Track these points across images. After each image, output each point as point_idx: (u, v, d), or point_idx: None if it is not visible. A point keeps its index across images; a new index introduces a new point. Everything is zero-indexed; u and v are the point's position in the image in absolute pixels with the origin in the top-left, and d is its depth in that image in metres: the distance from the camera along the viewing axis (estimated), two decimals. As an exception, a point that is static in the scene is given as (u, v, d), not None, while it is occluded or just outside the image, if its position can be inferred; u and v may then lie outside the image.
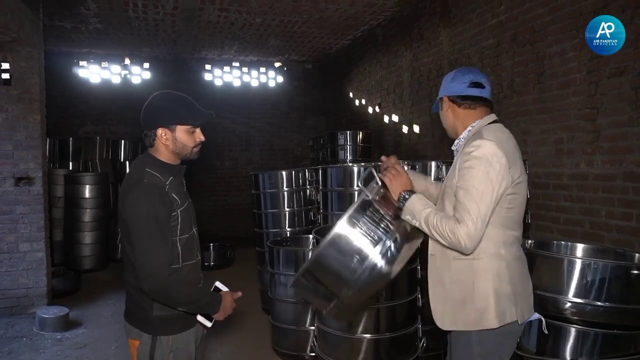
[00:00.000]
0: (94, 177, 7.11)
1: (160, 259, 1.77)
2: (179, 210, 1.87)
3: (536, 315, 1.94)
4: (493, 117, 1.96)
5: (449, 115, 1.99)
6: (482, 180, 1.75)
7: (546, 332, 1.93)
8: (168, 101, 1.93)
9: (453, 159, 2.00)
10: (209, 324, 1.96)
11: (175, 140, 1.90)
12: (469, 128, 1.94)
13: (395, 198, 1.89)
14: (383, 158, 2.04)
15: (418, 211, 1.81)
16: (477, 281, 1.82)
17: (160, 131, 1.90)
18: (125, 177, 1.93)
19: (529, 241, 2.82)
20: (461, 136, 1.96)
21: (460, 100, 1.94)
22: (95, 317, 5.03)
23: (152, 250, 1.77)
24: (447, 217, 1.78)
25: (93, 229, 6.96)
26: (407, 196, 1.86)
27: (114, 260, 7.47)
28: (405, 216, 1.85)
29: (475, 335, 1.84)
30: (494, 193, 1.75)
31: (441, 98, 2.03)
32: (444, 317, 1.91)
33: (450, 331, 1.95)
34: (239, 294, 2.04)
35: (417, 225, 1.83)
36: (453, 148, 2.02)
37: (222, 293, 1.99)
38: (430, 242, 1.95)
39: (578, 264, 2.20)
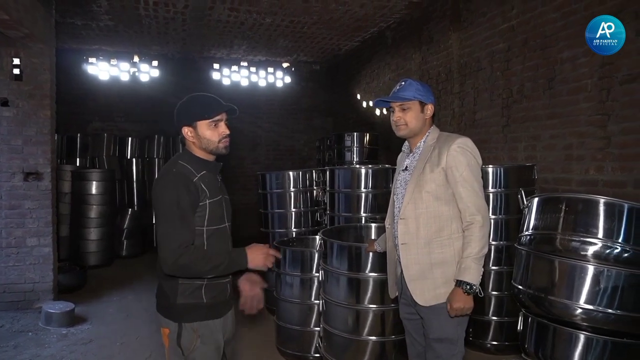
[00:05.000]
0: (101, 174, 7.13)
1: (173, 243, 1.86)
2: (208, 201, 1.97)
3: None
4: None
5: (423, 119, 2.33)
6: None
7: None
8: (188, 101, 2.07)
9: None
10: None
11: (199, 137, 2.02)
12: (428, 133, 2.36)
13: None
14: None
15: (471, 271, 2.15)
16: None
17: (185, 130, 2.04)
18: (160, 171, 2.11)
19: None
20: (423, 139, 2.36)
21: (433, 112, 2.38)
22: (101, 313, 5.04)
23: (168, 234, 1.88)
24: (469, 231, 2.18)
25: (99, 225, 6.98)
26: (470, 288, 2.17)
27: (119, 257, 7.51)
28: (479, 280, 2.19)
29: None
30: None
31: (425, 103, 2.33)
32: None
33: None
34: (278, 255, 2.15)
35: (479, 268, 2.18)
36: (416, 147, 2.37)
37: (249, 247, 2.05)
38: (401, 232, 2.30)
39: (591, 270, 2.18)
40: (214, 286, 2.05)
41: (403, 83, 2.33)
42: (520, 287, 2.53)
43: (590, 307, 2.20)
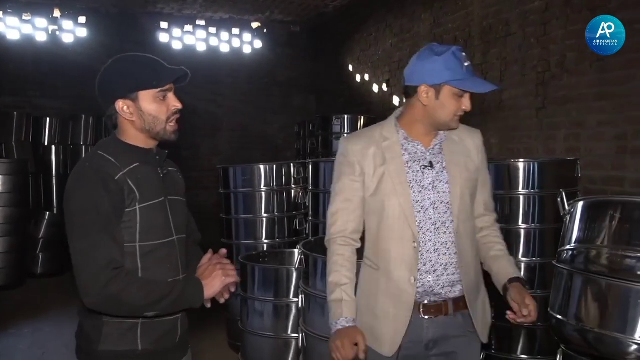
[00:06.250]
0: (9, 166, 7.02)
1: (96, 264, 1.71)
2: (138, 207, 1.82)
3: None
4: None
5: None
6: None
7: None
8: (124, 64, 1.90)
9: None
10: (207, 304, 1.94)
11: (142, 113, 1.86)
12: None
13: None
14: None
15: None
16: None
17: (120, 104, 1.86)
18: None
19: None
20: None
21: None
22: (8, 350, 4.98)
23: (87, 253, 1.73)
24: (498, 232, 2.40)
25: (5, 233, 6.86)
26: None
27: (33, 276, 7.40)
28: None
29: None
30: None
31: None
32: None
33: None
34: (223, 251, 2.03)
35: None
36: (435, 138, 2.30)
37: (201, 274, 1.91)
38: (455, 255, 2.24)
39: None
40: (154, 326, 1.88)
41: (467, 58, 2.23)
42: (559, 316, 2.55)
43: (649, 342, 2.22)
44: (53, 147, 8.34)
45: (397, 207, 2.18)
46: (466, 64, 2.16)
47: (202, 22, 9.64)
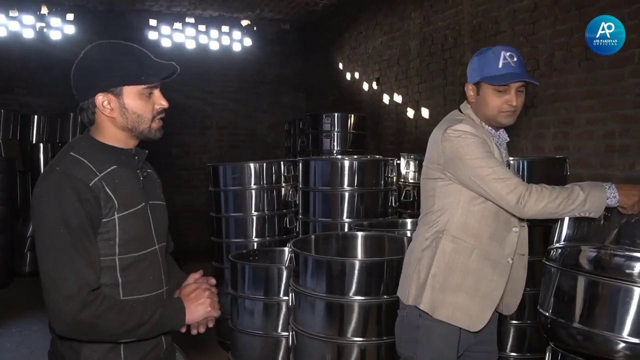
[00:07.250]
0: (-4, 164, 6.99)
1: (67, 288, 1.53)
2: (117, 216, 1.64)
3: None
4: None
5: None
6: None
7: None
8: (108, 53, 1.73)
9: None
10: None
11: (125, 110, 1.68)
12: None
13: None
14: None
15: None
16: None
17: (100, 98, 1.67)
18: None
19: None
20: None
21: None
22: (-5, 349, 4.95)
23: (57, 274, 1.55)
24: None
25: (-7, 232, 6.84)
26: None
27: (21, 275, 7.37)
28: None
29: None
30: None
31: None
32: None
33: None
34: (212, 280, 1.88)
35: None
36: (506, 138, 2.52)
37: (185, 294, 1.78)
38: (523, 241, 2.54)
39: (637, 294, 2.22)
40: (139, 344, 1.72)
41: (514, 56, 2.30)
42: (548, 314, 2.55)
43: (637, 340, 2.23)
44: (41, 145, 8.30)
45: None
46: (504, 61, 2.27)
47: (192, 20, 9.61)
